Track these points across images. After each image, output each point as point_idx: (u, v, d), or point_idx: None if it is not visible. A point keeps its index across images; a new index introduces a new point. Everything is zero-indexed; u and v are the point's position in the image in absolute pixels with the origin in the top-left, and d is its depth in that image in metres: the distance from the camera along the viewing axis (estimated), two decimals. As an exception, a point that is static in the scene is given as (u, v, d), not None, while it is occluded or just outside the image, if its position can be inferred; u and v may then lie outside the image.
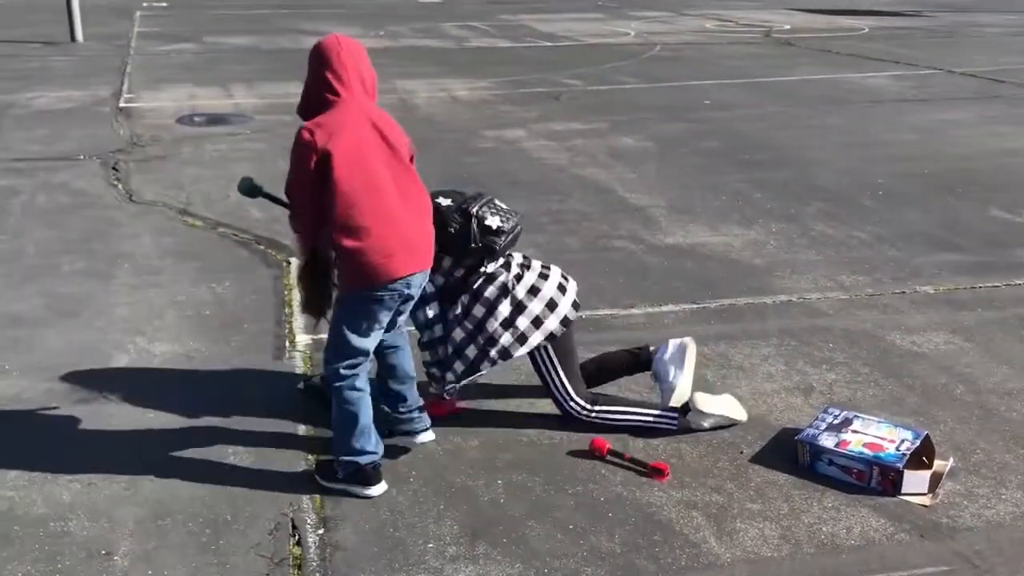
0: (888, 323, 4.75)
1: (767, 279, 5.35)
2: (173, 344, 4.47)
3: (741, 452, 3.57)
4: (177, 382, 4.11)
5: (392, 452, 3.54)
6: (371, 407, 3.30)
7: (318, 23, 17.84)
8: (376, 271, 3.09)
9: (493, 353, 3.54)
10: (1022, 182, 7.34)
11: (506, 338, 3.56)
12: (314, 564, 2.96)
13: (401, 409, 3.54)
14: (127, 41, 15.28)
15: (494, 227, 3.54)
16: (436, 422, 3.69)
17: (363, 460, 3.26)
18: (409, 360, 3.56)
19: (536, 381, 3.76)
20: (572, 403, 3.68)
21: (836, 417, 3.60)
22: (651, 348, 3.92)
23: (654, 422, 3.71)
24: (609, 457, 3.52)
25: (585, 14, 20.42)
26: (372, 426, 3.30)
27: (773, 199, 6.86)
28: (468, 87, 11.49)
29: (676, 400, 3.73)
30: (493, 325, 3.55)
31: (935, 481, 3.34)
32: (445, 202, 3.54)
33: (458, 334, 3.57)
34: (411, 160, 3.27)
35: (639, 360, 3.94)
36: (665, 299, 5.04)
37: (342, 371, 3.22)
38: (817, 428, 3.53)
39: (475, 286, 3.57)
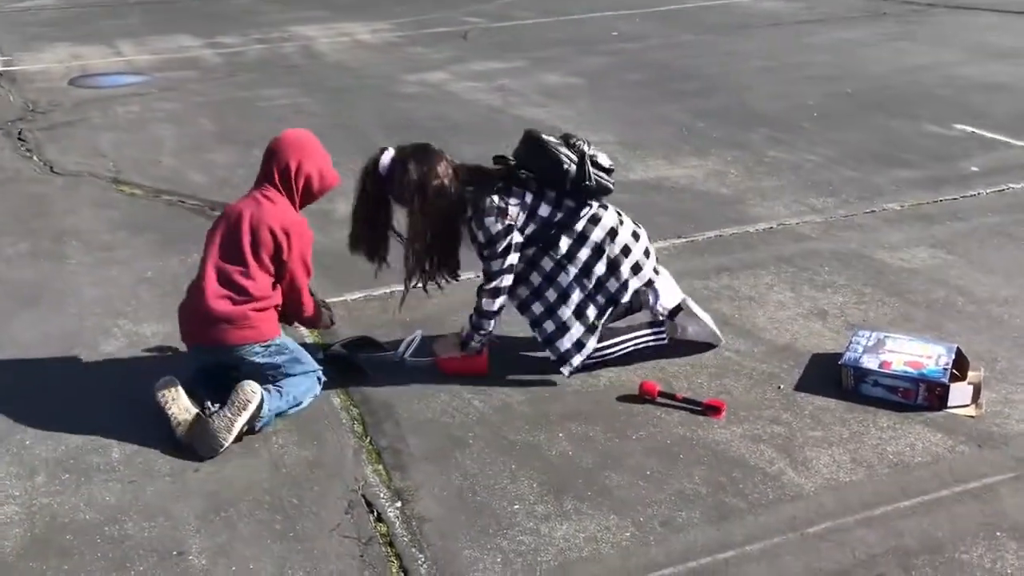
0: (870, 242, 4.88)
1: (741, 208, 5.41)
2: (162, 323, 4.18)
3: (779, 388, 3.61)
4: (183, 363, 3.85)
5: (443, 416, 3.45)
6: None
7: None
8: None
9: (601, 299, 3.53)
10: (940, 96, 7.63)
11: (612, 283, 3.54)
12: (406, 539, 2.85)
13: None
14: (-25, -1, 14.10)
15: (606, 165, 3.52)
16: (467, 381, 3.64)
17: None
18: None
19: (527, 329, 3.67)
20: (579, 356, 3.60)
21: (869, 339, 3.69)
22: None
23: (646, 341, 3.77)
24: (660, 399, 3.52)
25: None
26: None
27: (717, 128, 6.93)
28: (368, 30, 11.12)
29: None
30: (601, 269, 3.52)
31: (976, 392, 3.47)
32: (554, 139, 3.52)
33: (563, 279, 3.51)
34: (276, 246, 3.37)
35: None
36: (651, 235, 4.99)
37: None
38: (855, 351, 3.61)
39: (580, 228, 3.50)
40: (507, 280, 3.53)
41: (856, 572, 2.66)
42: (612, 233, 3.57)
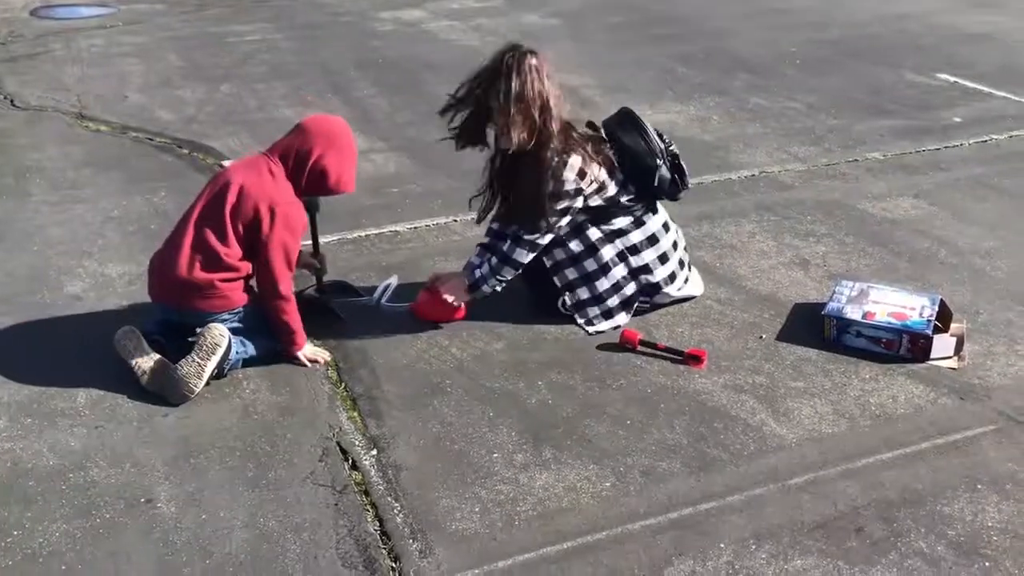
0: (853, 192, 4.82)
1: (724, 155, 5.33)
2: (128, 264, 4.06)
3: (761, 338, 3.56)
4: (149, 306, 3.74)
5: (419, 363, 3.38)
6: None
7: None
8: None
9: (644, 279, 3.56)
10: (924, 45, 7.54)
11: (661, 272, 3.57)
12: (381, 488, 2.78)
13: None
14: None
15: (681, 163, 3.58)
16: (444, 328, 3.57)
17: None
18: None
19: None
20: (606, 323, 3.60)
21: (852, 289, 3.64)
22: None
23: None
24: (641, 348, 3.46)
25: None
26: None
27: (699, 73, 6.81)
28: (342, -35, 10.80)
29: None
30: (651, 255, 3.55)
31: (959, 344, 3.44)
32: (651, 128, 3.56)
33: (608, 252, 3.50)
34: (256, 220, 3.20)
35: None
36: (632, 181, 4.93)
37: None
38: (839, 302, 3.56)
39: (638, 214, 3.54)
40: (548, 239, 3.46)
41: (837, 524, 2.64)
42: (665, 227, 3.62)
